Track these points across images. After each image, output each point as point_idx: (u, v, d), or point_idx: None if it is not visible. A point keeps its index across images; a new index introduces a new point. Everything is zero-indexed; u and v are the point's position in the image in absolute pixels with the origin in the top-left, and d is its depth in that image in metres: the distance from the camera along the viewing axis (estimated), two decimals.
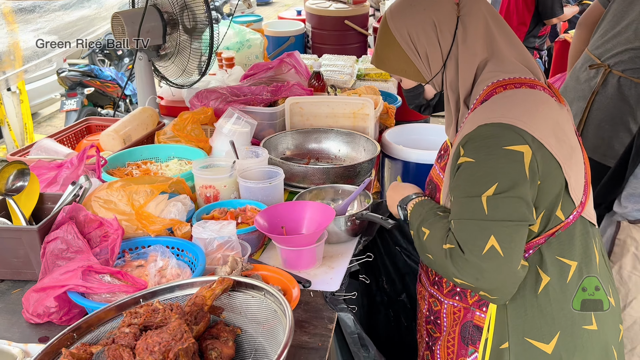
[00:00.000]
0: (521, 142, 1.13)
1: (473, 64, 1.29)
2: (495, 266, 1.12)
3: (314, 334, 1.34)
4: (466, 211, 1.16)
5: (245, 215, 1.70)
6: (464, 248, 1.15)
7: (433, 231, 1.26)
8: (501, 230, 1.12)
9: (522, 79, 1.25)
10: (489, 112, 1.19)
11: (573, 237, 1.26)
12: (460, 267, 1.15)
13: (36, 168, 1.80)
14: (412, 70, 1.36)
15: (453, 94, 1.33)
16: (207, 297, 1.09)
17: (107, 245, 1.46)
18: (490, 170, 1.14)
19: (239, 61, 3.28)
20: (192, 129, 2.11)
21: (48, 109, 7.17)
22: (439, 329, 1.43)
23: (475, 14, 1.30)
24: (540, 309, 1.25)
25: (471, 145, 1.18)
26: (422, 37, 1.30)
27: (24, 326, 1.37)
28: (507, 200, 1.12)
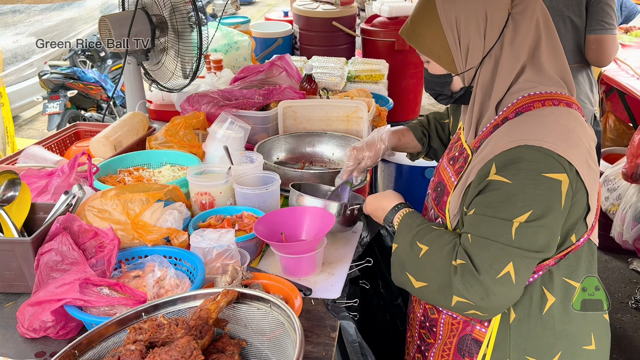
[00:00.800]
0: (560, 170, 1.11)
1: (514, 69, 1.22)
2: (504, 291, 1.12)
3: (317, 343, 1.33)
4: (492, 232, 1.13)
5: (242, 222, 1.68)
6: (479, 267, 1.12)
7: (434, 247, 1.22)
8: (521, 259, 1.12)
9: (560, 95, 1.21)
10: (528, 132, 1.14)
11: (580, 259, 1.26)
12: (470, 285, 1.13)
13: (26, 177, 1.76)
14: (447, 58, 1.27)
15: (483, 95, 1.26)
16: (211, 310, 1.07)
17: (103, 256, 1.43)
18: (527, 196, 1.11)
19: (227, 63, 3.25)
20: (184, 134, 2.08)
21: (29, 112, 7.06)
22: (434, 336, 1.41)
23: (529, 14, 1.22)
24: (544, 328, 1.26)
25: (509, 166, 1.13)
26: (470, 27, 1.22)
27: (19, 341, 1.33)
28: (536, 229, 1.11)
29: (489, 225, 1.14)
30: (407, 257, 1.26)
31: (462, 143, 1.35)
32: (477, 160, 1.21)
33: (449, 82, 1.31)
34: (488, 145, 1.20)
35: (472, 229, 1.17)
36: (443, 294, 1.18)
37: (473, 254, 1.14)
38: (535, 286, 1.24)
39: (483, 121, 1.27)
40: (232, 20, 3.88)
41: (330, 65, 3.06)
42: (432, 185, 1.46)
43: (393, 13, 3.86)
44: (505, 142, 1.15)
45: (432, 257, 1.21)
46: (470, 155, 1.28)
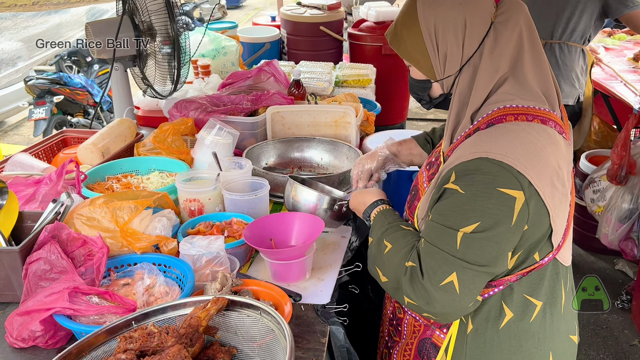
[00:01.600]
0: (517, 187, 1.08)
1: (492, 80, 1.18)
2: (447, 300, 1.13)
3: (307, 349, 1.33)
4: (439, 239, 1.14)
5: (232, 229, 1.68)
6: (424, 272, 1.14)
7: (396, 246, 1.24)
8: (464, 271, 1.11)
9: (536, 110, 1.16)
10: (493, 145, 1.11)
11: (543, 278, 1.24)
12: (416, 289, 1.15)
13: (13, 185, 1.75)
14: (425, 64, 1.25)
15: (460, 104, 1.24)
16: (202, 317, 1.07)
17: (92, 264, 1.43)
18: (477, 207, 1.09)
19: (215, 68, 3.26)
20: (172, 141, 2.08)
21: (14, 118, 6.99)
22: (399, 334, 1.44)
23: (512, 24, 1.18)
24: (499, 344, 1.25)
25: (465, 176, 1.12)
26: (447, 35, 1.19)
27: (8, 351, 1.33)
28: (481, 241, 1.09)
29: (438, 233, 1.15)
30: (377, 252, 1.29)
31: (440, 150, 1.35)
32: (443, 168, 1.21)
33: (428, 88, 1.32)
34: (454, 154, 1.19)
35: (425, 235, 1.19)
36: (397, 292, 1.22)
37: (422, 258, 1.16)
38: (494, 300, 1.23)
39: (458, 130, 1.25)
40: (220, 25, 3.89)
41: (318, 70, 3.07)
42: (411, 189, 1.47)
43: (380, 18, 3.89)
44: (468, 152, 1.14)
45: (392, 256, 1.23)
46: (442, 162, 1.28)
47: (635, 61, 3.84)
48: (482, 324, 1.24)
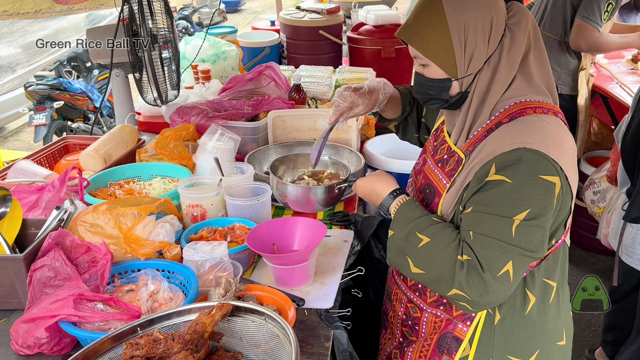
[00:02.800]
0: (554, 173, 1.17)
1: (509, 77, 1.28)
2: (502, 289, 1.17)
3: (311, 354, 1.34)
4: (493, 230, 1.18)
5: (234, 234, 1.69)
6: (483, 264, 1.16)
7: (438, 239, 1.25)
8: (519, 258, 1.17)
9: (546, 104, 1.27)
10: (525, 136, 1.19)
11: (557, 260, 1.34)
12: (472, 281, 1.17)
13: (16, 192, 1.76)
14: (450, 63, 1.28)
15: (479, 101, 1.30)
16: (207, 323, 1.08)
17: (96, 270, 1.43)
18: (526, 195, 1.16)
19: (215, 73, 3.26)
20: (174, 147, 2.09)
21: (14, 123, 7.01)
22: (416, 334, 1.46)
23: (524, 26, 1.28)
24: (525, 328, 1.33)
25: (508, 167, 1.18)
26: (477, 34, 1.25)
27: (13, 358, 1.33)
28: (533, 229, 1.16)
29: (491, 223, 1.18)
30: (406, 245, 1.29)
31: (450, 146, 1.38)
32: (475, 162, 1.26)
33: (448, 87, 1.32)
34: (485, 147, 1.25)
35: (473, 227, 1.21)
36: (439, 284, 1.23)
37: (478, 252, 1.18)
38: (518, 288, 1.30)
39: (475, 125, 1.31)
40: (220, 30, 3.90)
41: (317, 75, 3.08)
42: (416, 186, 1.49)
43: (379, 21, 3.89)
44: (504, 145, 1.20)
45: (433, 250, 1.24)
46: (464, 158, 1.31)
47: (634, 62, 3.85)
48: (509, 313, 1.31)
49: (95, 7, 2.30)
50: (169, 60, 2.39)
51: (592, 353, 2.76)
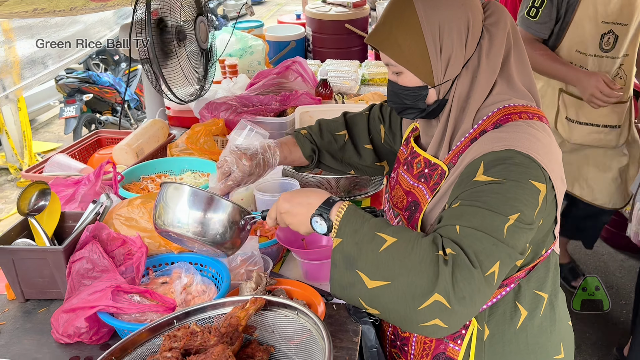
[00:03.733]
0: (542, 180, 1.09)
1: (490, 82, 1.19)
2: (487, 292, 1.02)
3: (340, 348, 1.37)
4: (487, 225, 1.03)
5: (264, 229, 1.72)
6: (474, 260, 1.01)
7: (406, 237, 1.05)
8: (507, 259, 1.04)
9: (532, 108, 1.19)
10: (514, 140, 1.11)
11: (548, 270, 1.27)
12: (460, 279, 0.99)
13: (54, 186, 1.81)
14: (425, 69, 1.18)
15: (459, 108, 1.21)
16: (241, 317, 1.11)
17: (132, 263, 1.48)
18: (518, 197, 1.06)
19: (242, 68, 3.30)
20: (204, 142, 2.13)
21: (45, 115, 7.16)
22: (405, 355, 1.39)
23: (502, 26, 1.19)
24: (517, 344, 1.26)
25: (499, 165, 1.09)
26: (453, 37, 1.16)
27: (54, 346, 1.39)
28: (522, 231, 1.06)
29: (484, 218, 1.04)
30: (360, 253, 1.06)
31: (429, 159, 1.29)
32: (460, 169, 1.17)
33: (424, 95, 1.22)
34: (469, 155, 1.16)
35: (460, 221, 1.06)
36: (412, 294, 1.00)
37: (464, 245, 1.02)
38: (507, 300, 1.23)
39: (458, 135, 1.22)
40: (246, 24, 3.92)
41: (344, 69, 3.09)
42: (399, 205, 1.37)
43: None
44: (492, 145, 1.12)
45: (402, 250, 1.03)
46: (447, 171, 1.22)
47: None
48: (498, 327, 1.24)
49: (128, 3, 2.34)
50: (196, 54, 2.43)
51: (620, 351, 2.74)
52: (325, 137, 1.63)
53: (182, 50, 2.33)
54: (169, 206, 1.26)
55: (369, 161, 1.65)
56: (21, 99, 5.70)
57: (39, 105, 6.66)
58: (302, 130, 1.64)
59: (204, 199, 1.25)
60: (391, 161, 1.65)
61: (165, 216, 1.26)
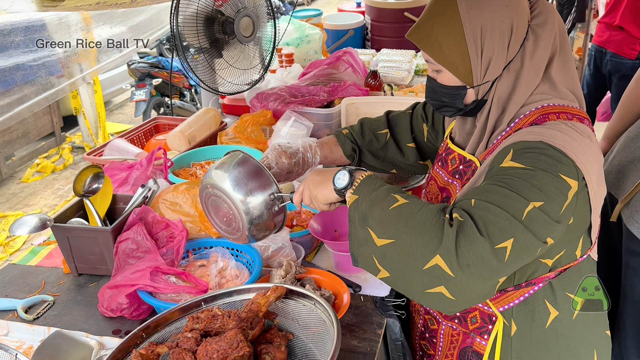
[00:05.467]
0: (574, 177, 1.06)
1: (533, 84, 1.17)
2: (494, 266, 0.99)
3: (363, 339, 1.41)
4: (504, 202, 1.02)
5: (300, 218, 1.78)
6: (482, 229, 0.99)
7: (416, 201, 1.08)
8: (522, 240, 1.00)
9: (572, 109, 1.17)
10: (548, 136, 1.09)
11: (581, 275, 1.26)
12: (464, 243, 0.98)
13: (109, 169, 1.95)
14: (464, 69, 1.18)
15: (499, 109, 1.21)
16: (262, 304, 1.17)
17: (172, 246, 1.58)
18: (544, 187, 1.03)
19: (299, 57, 3.34)
20: (252, 131, 2.21)
21: (119, 98, 7.55)
22: (434, 347, 1.42)
23: (548, 27, 1.16)
24: (546, 342, 1.25)
25: (528, 153, 1.07)
26: (495, 39, 1.14)
27: (100, 319, 1.51)
28: (546, 221, 1.03)
29: (503, 196, 1.02)
30: (371, 209, 1.10)
31: (464, 155, 1.29)
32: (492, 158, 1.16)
33: (463, 95, 1.22)
34: (501, 145, 1.16)
35: (479, 195, 1.05)
36: (414, 253, 1.02)
37: (475, 214, 1.01)
38: (537, 299, 1.23)
39: (495, 134, 1.22)
40: (304, 13, 3.96)
41: (397, 59, 3.08)
42: (435, 200, 1.39)
43: None
44: (525, 136, 1.10)
45: (410, 210, 1.06)
46: (479, 166, 1.23)
47: None
48: (526, 325, 1.25)
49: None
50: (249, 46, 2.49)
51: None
52: (366, 136, 1.64)
53: (232, 42, 2.41)
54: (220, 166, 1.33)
55: (411, 159, 1.65)
56: (97, 82, 6.05)
57: (113, 88, 7.03)
58: (344, 129, 1.67)
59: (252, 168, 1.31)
60: (434, 159, 1.64)
61: (212, 172, 1.33)
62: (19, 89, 2.26)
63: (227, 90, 2.46)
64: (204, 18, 2.34)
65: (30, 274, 1.72)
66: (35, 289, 1.65)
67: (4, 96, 2.15)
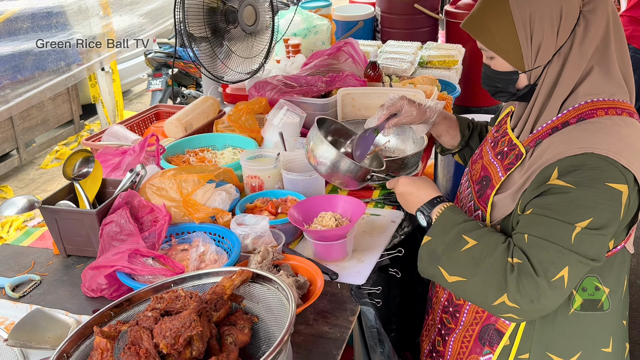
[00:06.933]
0: (622, 181, 1.11)
1: (579, 70, 1.21)
2: (556, 295, 1.12)
3: (334, 325, 1.42)
4: (552, 233, 1.13)
5: (286, 206, 1.79)
6: (538, 268, 1.12)
7: (485, 242, 1.20)
8: (577, 265, 1.12)
9: (622, 104, 1.19)
10: (593, 140, 1.13)
11: (612, 265, 1.27)
12: (524, 285, 1.12)
13: (103, 154, 1.99)
14: (516, 55, 1.24)
15: (547, 94, 1.25)
16: (226, 287, 1.19)
17: (155, 229, 1.61)
18: (590, 203, 1.11)
19: (306, 47, 3.34)
20: (246, 120, 2.22)
21: (139, 87, 7.66)
22: (455, 322, 1.45)
23: (600, 13, 1.20)
24: (569, 327, 1.29)
25: (572, 172, 1.13)
26: (544, 25, 1.19)
27: (82, 299, 1.55)
28: (594, 237, 1.11)
29: (550, 227, 1.13)
30: (444, 251, 1.24)
31: (512, 139, 1.34)
32: (537, 165, 1.20)
33: (515, 80, 1.28)
34: (549, 149, 1.19)
35: (529, 229, 1.16)
36: (484, 292, 1.17)
37: (530, 254, 1.13)
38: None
39: (541, 120, 1.26)
40: (313, 4, 3.96)
41: (402, 51, 3.06)
42: (473, 177, 1.46)
43: None
44: (569, 148, 1.15)
45: (480, 253, 1.19)
46: (524, 153, 1.27)
47: None
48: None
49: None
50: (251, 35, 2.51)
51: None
52: (478, 125, 1.77)
53: (234, 31, 2.43)
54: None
55: None
56: (115, 72, 6.15)
57: (132, 78, 7.14)
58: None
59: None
60: None
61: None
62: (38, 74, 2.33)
63: (231, 79, 2.49)
64: (208, 7, 2.36)
65: (21, 254, 1.78)
66: (25, 268, 1.70)
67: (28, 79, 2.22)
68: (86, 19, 2.70)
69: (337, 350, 1.34)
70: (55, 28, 2.44)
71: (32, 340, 1.33)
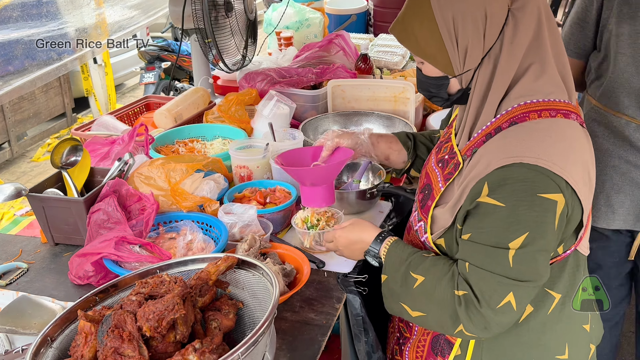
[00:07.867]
0: (556, 190, 1.06)
1: (512, 70, 1.15)
2: (505, 320, 1.12)
3: (320, 312, 1.43)
4: (488, 262, 1.11)
5: (274, 196, 1.79)
6: (481, 299, 1.11)
7: (431, 277, 1.19)
8: (520, 289, 1.10)
9: (558, 104, 1.14)
10: (523, 148, 1.08)
11: (563, 270, 1.24)
12: (474, 315, 1.12)
13: (92, 144, 1.99)
14: (443, 60, 1.18)
15: (481, 98, 1.19)
16: (211, 272, 1.20)
17: (142, 218, 1.61)
18: (522, 218, 1.07)
19: (298, 40, 3.34)
20: (235, 110, 2.23)
21: (132, 81, 7.63)
22: (410, 331, 1.42)
23: (530, 9, 1.13)
24: (518, 337, 1.25)
25: (500, 187, 1.08)
26: (468, 28, 1.13)
27: (69, 286, 1.55)
28: (533, 254, 1.08)
29: (487, 255, 1.11)
30: (400, 289, 1.25)
31: (453, 146, 1.29)
32: (470, 177, 1.15)
33: (446, 85, 1.23)
34: (482, 159, 1.14)
35: (469, 257, 1.15)
36: (443, 324, 1.18)
37: (473, 284, 1.13)
38: None
39: (477, 125, 1.21)
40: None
41: (393, 44, 3.06)
42: (419, 184, 1.42)
43: None
44: (499, 159, 1.10)
45: (428, 288, 1.19)
46: (462, 163, 1.22)
47: None
48: None
49: None
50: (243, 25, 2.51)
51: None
52: (418, 135, 1.74)
53: (230, 21, 2.43)
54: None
55: None
56: (108, 65, 6.13)
57: (125, 71, 7.11)
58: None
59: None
60: None
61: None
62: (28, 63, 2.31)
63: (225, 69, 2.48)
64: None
65: (9, 242, 1.77)
66: (12, 256, 1.70)
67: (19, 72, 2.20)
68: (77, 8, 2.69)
69: (323, 337, 1.35)
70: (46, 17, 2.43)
71: (17, 326, 1.33)
